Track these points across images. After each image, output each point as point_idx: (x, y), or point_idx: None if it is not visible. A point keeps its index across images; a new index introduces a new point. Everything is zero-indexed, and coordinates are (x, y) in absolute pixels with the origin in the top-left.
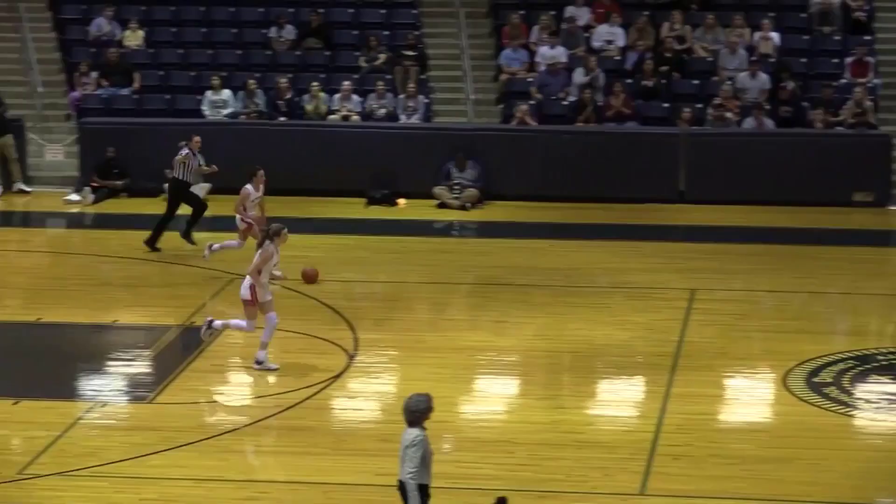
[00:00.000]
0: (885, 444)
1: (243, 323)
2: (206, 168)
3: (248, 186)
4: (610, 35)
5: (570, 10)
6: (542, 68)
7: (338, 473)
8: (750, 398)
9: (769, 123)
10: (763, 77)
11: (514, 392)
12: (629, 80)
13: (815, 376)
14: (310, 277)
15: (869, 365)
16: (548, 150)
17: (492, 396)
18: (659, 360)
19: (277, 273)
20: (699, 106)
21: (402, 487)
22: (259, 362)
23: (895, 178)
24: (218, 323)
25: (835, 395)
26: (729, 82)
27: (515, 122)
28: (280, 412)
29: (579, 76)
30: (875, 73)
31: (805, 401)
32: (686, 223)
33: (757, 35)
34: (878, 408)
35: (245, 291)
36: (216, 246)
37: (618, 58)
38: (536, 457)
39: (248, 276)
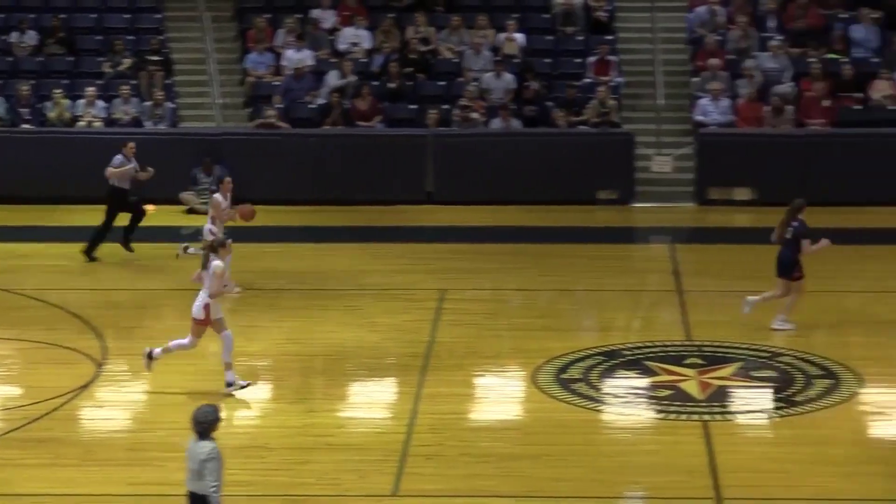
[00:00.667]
0: (633, 439)
1: (184, 341)
2: (143, 174)
3: (218, 196)
4: (355, 37)
5: (315, 13)
6: (289, 71)
7: (87, 485)
8: (500, 396)
9: (515, 123)
10: (508, 77)
11: (266, 397)
12: (376, 83)
13: (564, 373)
14: (247, 214)
15: (615, 360)
16: (296, 153)
17: (244, 402)
18: (410, 360)
19: (235, 289)
20: (446, 107)
21: (198, 500)
22: (229, 384)
23: (638, 176)
24: (157, 351)
25: (583, 391)
26: (474, 83)
27: (263, 126)
28: (26, 424)
29: (333, 79)
30: (618, 72)
31: (554, 397)
32: (434, 224)
33: (501, 36)
34: (625, 402)
35: (198, 311)
36: (192, 249)
37: (364, 60)
38: (289, 461)
39: (201, 294)
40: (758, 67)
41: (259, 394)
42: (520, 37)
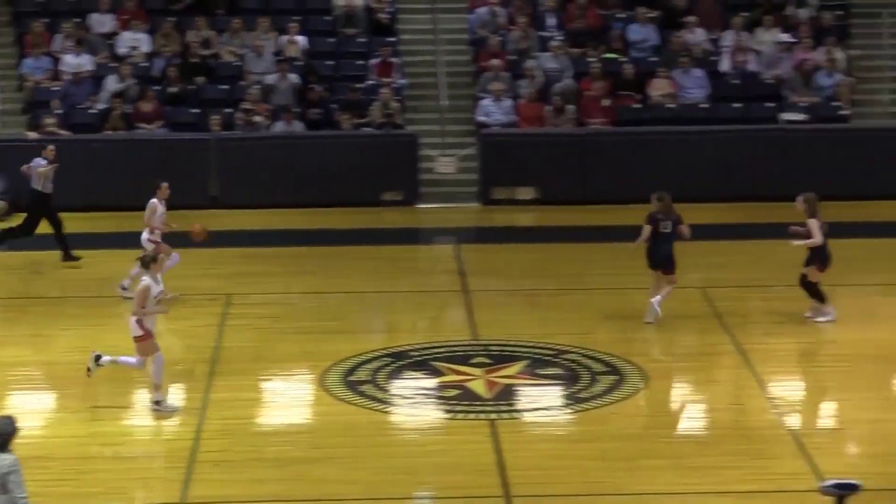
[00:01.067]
0: (422, 439)
1: (132, 360)
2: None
3: (155, 200)
4: (134, 41)
5: (93, 18)
6: (68, 77)
7: None
8: (288, 400)
9: (299, 126)
10: (291, 80)
11: (51, 406)
12: (157, 87)
13: (351, 375)
14: (199, 234)
15: (403, 361)
16: (77, 159)
17: (27, 412)
18: (196, 366)
19: (172, 296)
20: (228, 110)
21: None
22: (157, 402)
23: (422, 177)
24: (106, 359)
25: (371, 393)
26: (257, 86)
27: (43, 132)
28: None
29: (112, 84)
30: (400, 73)
31: (342, 400)
32: (219, 228)
33: (283, 38)
34: (413, 403)
35: (134, 327)
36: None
37: (144, 64)
38: (74, 471)
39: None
40: (539, 67)
41: (43, 404)
42: (302, 39)
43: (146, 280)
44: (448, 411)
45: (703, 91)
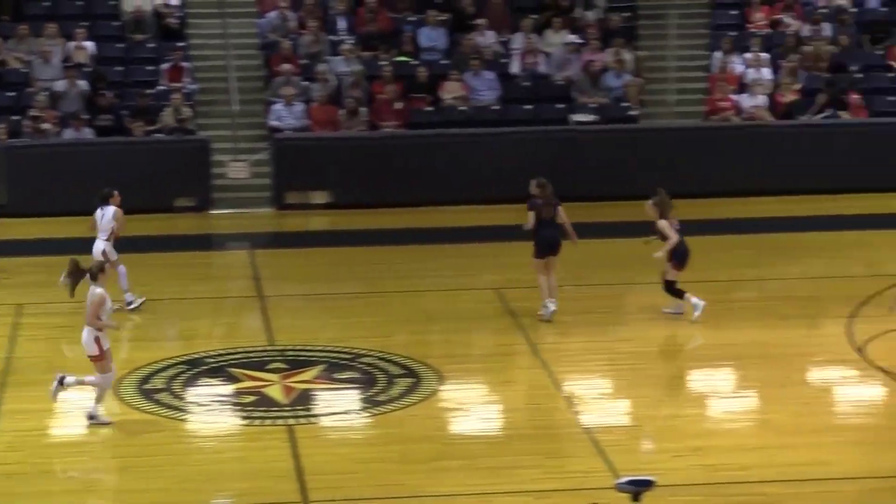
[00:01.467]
0: (219, 446)
1: (97, 379)
2: None
3: (118, 209)
4: None
5: None
6: None
7: None
8: (82, 410)
9: (89, 133)
10: (80, 86)
11: None
12: None
13: (147, 383)
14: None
15: (199, 368)
16: None
17: None
18: None
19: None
20: (16, 118)
21: None
22: (92, 417)
23: (215, 183)
24: (71, 378)
25: (167, 401)
26: (45, 93)
27: None
28: None
29: None
30: (191, 78)
31: (137, 408)
32: (11, 237)
33: (71, 44)
34: (209, 410)
35: (90, 346)
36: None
37: None
38: None
39: (87, 328)
40: (330, 71)
41: None
42: (90, 45)
43: (100, 290)
44: (245, 417)
45: (494, 93)
